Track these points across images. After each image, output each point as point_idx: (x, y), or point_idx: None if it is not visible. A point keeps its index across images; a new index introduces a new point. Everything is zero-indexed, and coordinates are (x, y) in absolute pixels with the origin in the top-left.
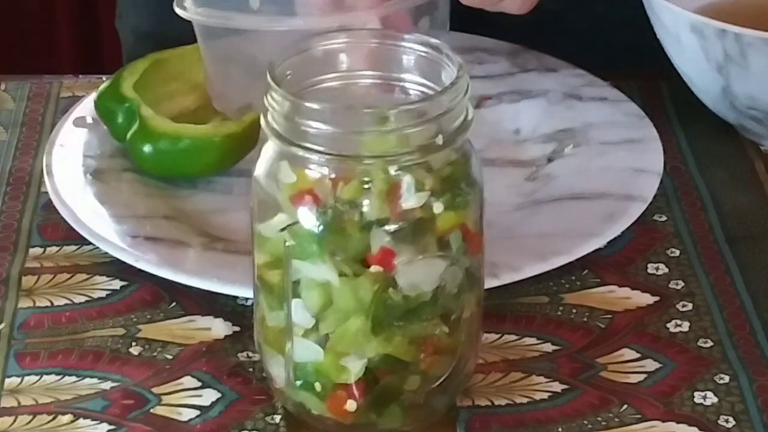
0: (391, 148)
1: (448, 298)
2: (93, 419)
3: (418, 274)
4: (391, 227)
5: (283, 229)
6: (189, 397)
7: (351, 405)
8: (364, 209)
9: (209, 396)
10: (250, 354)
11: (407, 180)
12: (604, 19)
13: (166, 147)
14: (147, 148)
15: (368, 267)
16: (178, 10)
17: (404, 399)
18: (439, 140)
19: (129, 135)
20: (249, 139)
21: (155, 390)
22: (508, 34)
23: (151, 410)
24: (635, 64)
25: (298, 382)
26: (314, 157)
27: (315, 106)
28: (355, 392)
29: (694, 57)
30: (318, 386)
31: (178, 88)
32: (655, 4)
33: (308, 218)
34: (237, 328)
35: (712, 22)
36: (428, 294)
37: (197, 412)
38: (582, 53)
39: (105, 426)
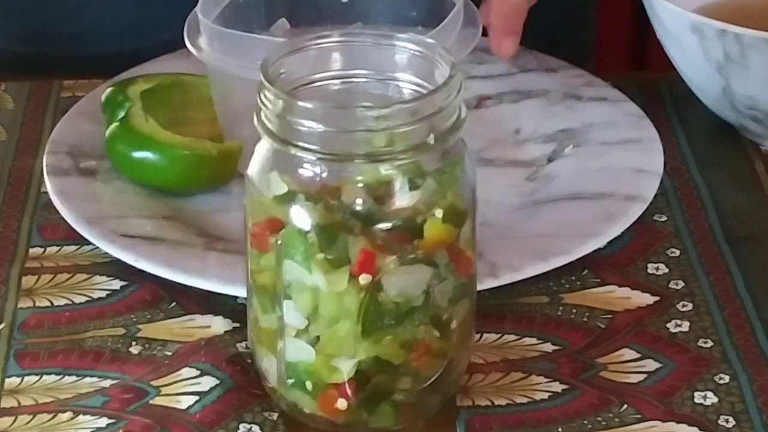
0: (382, 147)
1: (439, 303)
2: (93, 415)
3: (408, 275)
4: (382, 226)
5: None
6: (188, 386)
7: (342, 404)
8: (355, 208)
9: (208, 382)
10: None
11: (399, 179)
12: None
13: (138, 148)
14: (120, 146)
15: (357, 266)
16: (192, 50)
17: (395, 398)
18: (431, 139)
19: (108, 131)
20: (223, 167)
21: (154, 383)
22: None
23: (150, 401)
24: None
25: (290, 381)
26: (306, 156)
27: (307, 104)
28: (347, 391)
29: (694, 57)
30: (309, 385)
31: (198, 116)
32: (656, 4)
33: (299, 217)
34: (237, 325)
35: (712, 22)
36: (418, 298)
37: (196, 398)
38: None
39: (105, 420)
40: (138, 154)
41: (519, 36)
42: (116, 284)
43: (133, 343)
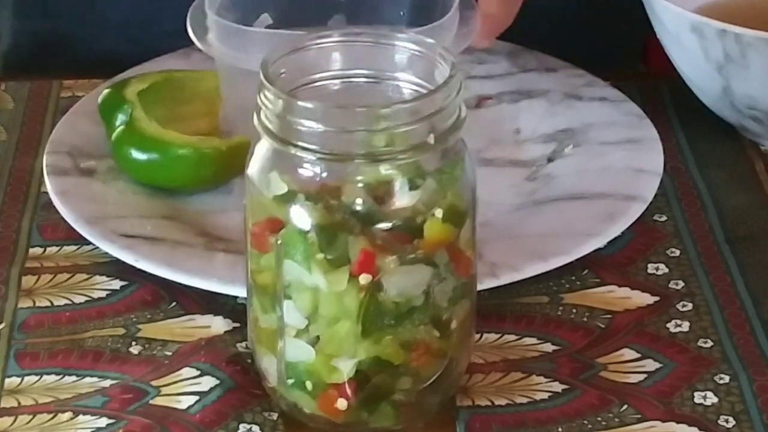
0: (382, 147)
1: (439, 303)
2: (92, 415)
3: (408, 275)
4: (382, 226)
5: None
6: (188, 386)
7: (342, 404)
8: (355, 208)
9: (208, 382)
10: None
11: (399, 179)
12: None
13: (147, 150)
14: (129, 150)
15: (357, 266)
16: (200, 45)
17: (395, 398)
18: (431, 139)
19: (114, 135)
20: (233, 161)
21: (154, 383)
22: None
23: (151, 401)
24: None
25: (290, 381)
26: (306, 155)
27: (307, 104)
28: (347, 391)
29: (694, 57)
30: (309, 385)
31: (192, 111)
32: (656, 4)
33: (299, 217)
34: (237, 325)
35: (712, 22)
36: (418, 298)
37: (196, 398)
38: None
39: (105, 420)
40: (147, 156)
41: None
42: (116, 284)
43: (133, 343)
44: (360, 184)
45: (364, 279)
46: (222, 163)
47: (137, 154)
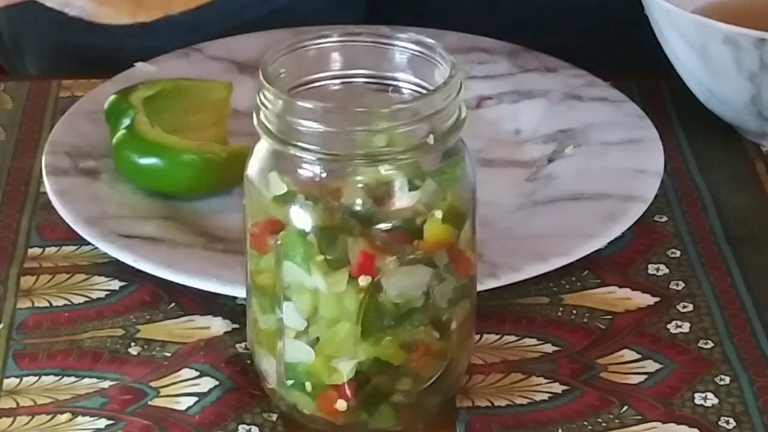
0: (382, 148)
1: (439, 304)
2: (91, 416)
3: (407, 276)
4: (382, 227)
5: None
6: (187, 387)
7: (341, 405)
8: (355, 209)
9: (207, 383)
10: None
11: (398, 180)
12: (603, 19)
13: (147, 155)
14: (129, 154)
15: (357, 267)
16: None
17: (395, 399)
18: (431, 140)
19: (115, 139)
20: (233, 169)
21: (153, 384)
22: (508, 34)
23: (150, 403)
24: (635, 64)
25: (290, 382)
26: (306, 156)
27: (307, 105)
28: (346, 392)
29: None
30: (309, 386)
31: (200, 121)
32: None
33: (299, 217)
34: (236, 326)
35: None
36: (418, 299)
37: (195, 399)
38: (582, 54)
39: (104, 421)
40: (147, 161)
41: None
42: (115, 285)
43: (132, 343)
44: (360, 185)
45: (363, 280)
46: (222, 169)
47: (136, 159)
